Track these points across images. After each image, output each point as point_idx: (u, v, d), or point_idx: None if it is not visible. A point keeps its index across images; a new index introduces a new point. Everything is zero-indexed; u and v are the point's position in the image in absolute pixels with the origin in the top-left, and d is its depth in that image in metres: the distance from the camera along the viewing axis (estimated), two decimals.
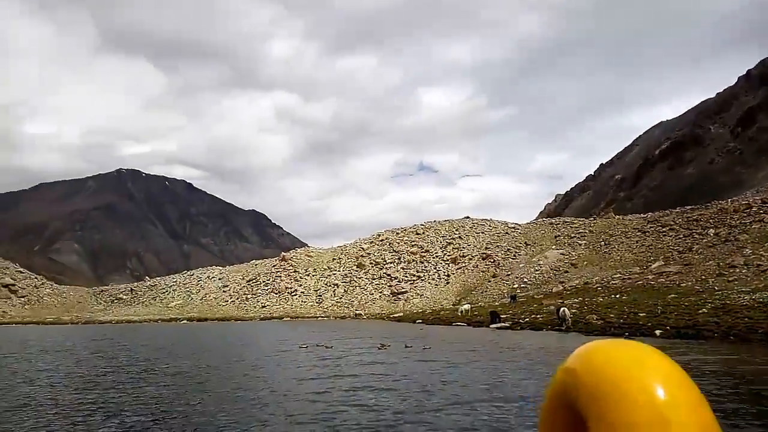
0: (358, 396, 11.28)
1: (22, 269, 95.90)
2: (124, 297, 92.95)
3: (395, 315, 62.23)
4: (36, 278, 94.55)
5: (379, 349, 22.27)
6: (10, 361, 20.32)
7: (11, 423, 9.23)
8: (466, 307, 48.90)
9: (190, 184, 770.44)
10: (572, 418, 0.90)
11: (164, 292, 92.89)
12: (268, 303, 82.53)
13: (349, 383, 12.98)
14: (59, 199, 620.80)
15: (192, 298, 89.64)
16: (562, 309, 29.10)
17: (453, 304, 63.46)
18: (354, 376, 14.34)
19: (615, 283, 48.96)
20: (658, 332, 23.34)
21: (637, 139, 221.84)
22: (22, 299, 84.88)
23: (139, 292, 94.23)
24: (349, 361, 18.16)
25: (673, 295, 35.49)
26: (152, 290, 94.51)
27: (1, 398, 11.67)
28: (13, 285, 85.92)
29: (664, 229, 69.04)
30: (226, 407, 10.26)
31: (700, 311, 26.58)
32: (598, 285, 50.60)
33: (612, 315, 30.13)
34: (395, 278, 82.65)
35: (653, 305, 31.89)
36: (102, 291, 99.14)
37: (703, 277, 43.48)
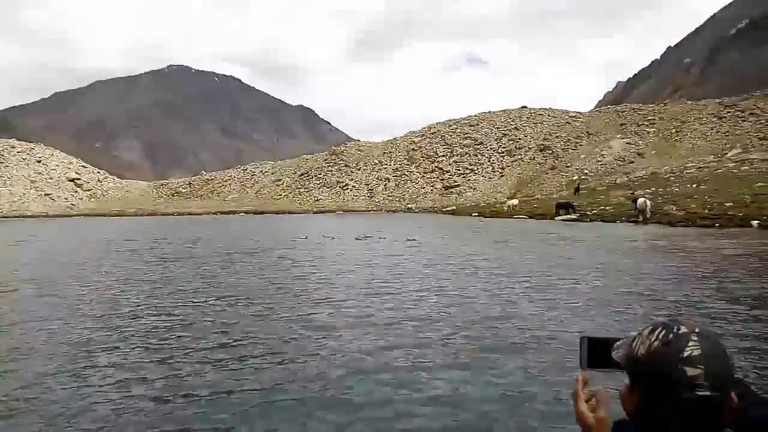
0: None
1: (85, 164, 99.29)
2: (183, 191, 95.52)
3: (448, 208, 61.21)
4: (99, 173, 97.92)
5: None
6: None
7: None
8: (514, 202, 46.97)
9: (239, 80, 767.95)
10: None
11: (220, 186, 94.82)
12: (321, 197, 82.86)
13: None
14: (115, 96, 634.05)
15: (247, 192, 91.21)
16: (641, 199, 26.81)
17: (507, 198, 61.63)
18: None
19: (690, 173, 45.60)
20: (755, 223, 21.12)
21: (709, 18, 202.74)
22: (88, 192, 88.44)
23: (197, 186, 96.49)
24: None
25: (760, 184, 32.52)
26: (209, 184, 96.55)
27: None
28: (78, 179, 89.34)
29: (743, 114, 63.95)
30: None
31: None
32: (669, 174, 47.34)
33: (694, 205, 27.82)
34: (447, 172, 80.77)
35: (739, 195, 29.34)
36: (162, 185, 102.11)
37: None
